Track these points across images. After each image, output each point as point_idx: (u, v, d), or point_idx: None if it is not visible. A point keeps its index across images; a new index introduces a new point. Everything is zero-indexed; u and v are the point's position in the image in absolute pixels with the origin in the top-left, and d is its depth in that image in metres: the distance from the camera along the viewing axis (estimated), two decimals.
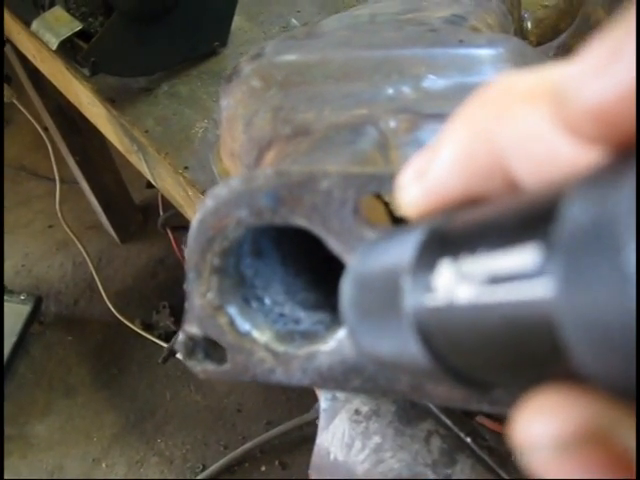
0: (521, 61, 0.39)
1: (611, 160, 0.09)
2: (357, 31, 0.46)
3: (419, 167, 0.14)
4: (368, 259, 0.17)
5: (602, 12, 0.51)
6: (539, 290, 0.09)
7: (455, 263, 0.11)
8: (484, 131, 0.12)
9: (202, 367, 0.23)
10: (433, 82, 0.36)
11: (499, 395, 0.16)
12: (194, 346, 0.23)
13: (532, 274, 0.09)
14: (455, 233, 0.12)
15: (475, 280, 0.11)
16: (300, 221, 0.20)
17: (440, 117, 0.33)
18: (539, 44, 0.64)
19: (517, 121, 0.12)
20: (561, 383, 0.10)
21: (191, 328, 0.23)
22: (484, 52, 0.40)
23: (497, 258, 0.10)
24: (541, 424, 0.10)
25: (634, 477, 0.10)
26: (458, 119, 0.13)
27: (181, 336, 0.23)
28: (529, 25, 0.65)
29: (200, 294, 0.22)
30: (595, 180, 0.09)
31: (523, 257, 0.09)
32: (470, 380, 0.13)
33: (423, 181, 0.14)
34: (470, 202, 0.13)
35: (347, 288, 0.17)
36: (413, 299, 0.12)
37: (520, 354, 0.11)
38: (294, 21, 0.81)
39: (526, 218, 0.10)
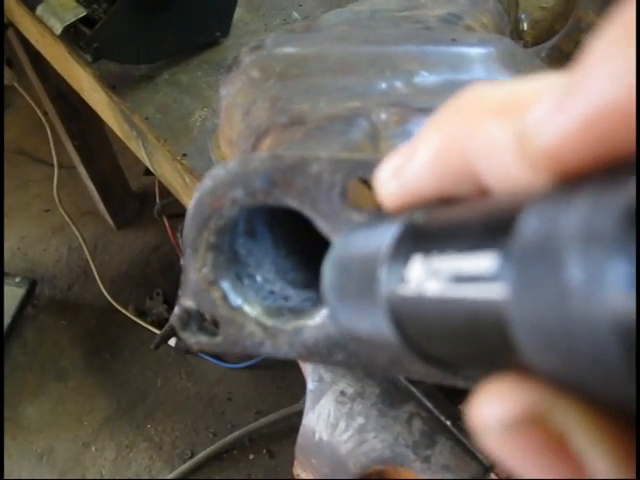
0: (510, 61, 0.40)
1: (560, 187, 0.11)
2: (355, 27, 0.47)
3: (397, 165, 0.15)
4: (349, 246, 0.18)
5: (593, 15, 0.52)
6: (494, 293, 0.11)
7: (426, 259, 0.13)
8: (456, 139, 0.13)
9: (195, 339, 0.24)
10: (424, 78, 0.37)
11: (470, 372, 0.17)
12: (189, 319, 0.24)
13: (490, 278, 0.11)
14: (428, 231, 0.14)
15: (442, 277, 0.12)
16: (291, 202, 0.21)
17: (429, 111, 0.34)
18: (534, 44, 0.66)
19: (484, 134, 0.13)
20: (513, 371, 0.12)
21: (186, 301, 0.24)
22: (475, 51, 0.41)
23: (462, 260, 0.12)
24: (491, 407, 0.12)
25: (567, 458, 0.11)
26: (434, 123, 0.14)
27: (177, 309, 0.24)
28: (525, 26, 0.67)
29: (196, 269, 0.23)
30: (546, 203, 0.10)
31: (484, 262, 0.11)
32: (437, 360, 0.14)
33: (399, 179, 0.15)
34: (444, 200, 0.14)
35: (328, 271, 0.18)
36: (387, 287, 0.14)
37: (477, 345, 0.12)
38: (295, 14, 0.82)
39: (489, 228, 0.12)
